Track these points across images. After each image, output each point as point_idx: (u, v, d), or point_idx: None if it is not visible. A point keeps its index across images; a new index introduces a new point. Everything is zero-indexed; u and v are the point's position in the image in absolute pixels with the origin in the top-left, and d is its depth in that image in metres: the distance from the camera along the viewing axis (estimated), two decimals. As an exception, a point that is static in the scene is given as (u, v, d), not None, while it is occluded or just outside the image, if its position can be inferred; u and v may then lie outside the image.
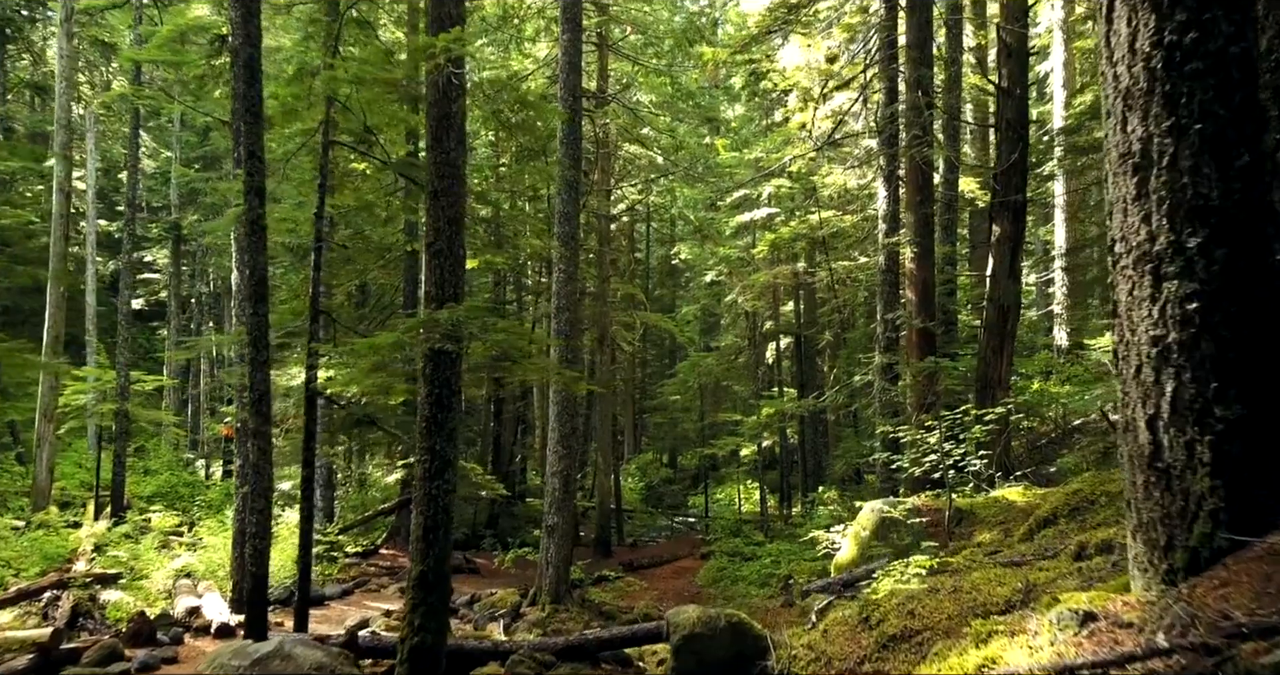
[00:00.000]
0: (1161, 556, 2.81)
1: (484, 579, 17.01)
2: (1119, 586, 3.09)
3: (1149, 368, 2.89)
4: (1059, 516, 5.95)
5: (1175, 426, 2.80)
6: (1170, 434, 2.81)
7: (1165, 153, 2.88)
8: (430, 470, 7.25)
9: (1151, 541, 2.85)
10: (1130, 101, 2.99)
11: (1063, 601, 2.95)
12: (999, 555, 5.22)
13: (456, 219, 7.55)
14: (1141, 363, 2.93)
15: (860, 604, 4.25)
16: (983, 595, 3.78)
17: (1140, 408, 2.93)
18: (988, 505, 8.74)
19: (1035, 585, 3.59)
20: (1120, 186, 3.04)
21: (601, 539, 21.60)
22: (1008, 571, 4.09)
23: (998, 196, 12.57)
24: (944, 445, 8.58)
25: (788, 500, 26.54)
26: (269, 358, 8.63)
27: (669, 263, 40.03)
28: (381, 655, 8.79)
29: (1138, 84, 2.96)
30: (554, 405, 14.66)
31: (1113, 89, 3.09)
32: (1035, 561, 4.55)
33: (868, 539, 8.97)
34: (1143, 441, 2.91)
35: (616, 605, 15.47)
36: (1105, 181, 3.19)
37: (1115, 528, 3.96)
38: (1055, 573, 3.75)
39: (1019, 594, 3.58)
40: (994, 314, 12.80)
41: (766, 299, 26.48)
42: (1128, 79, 3.00)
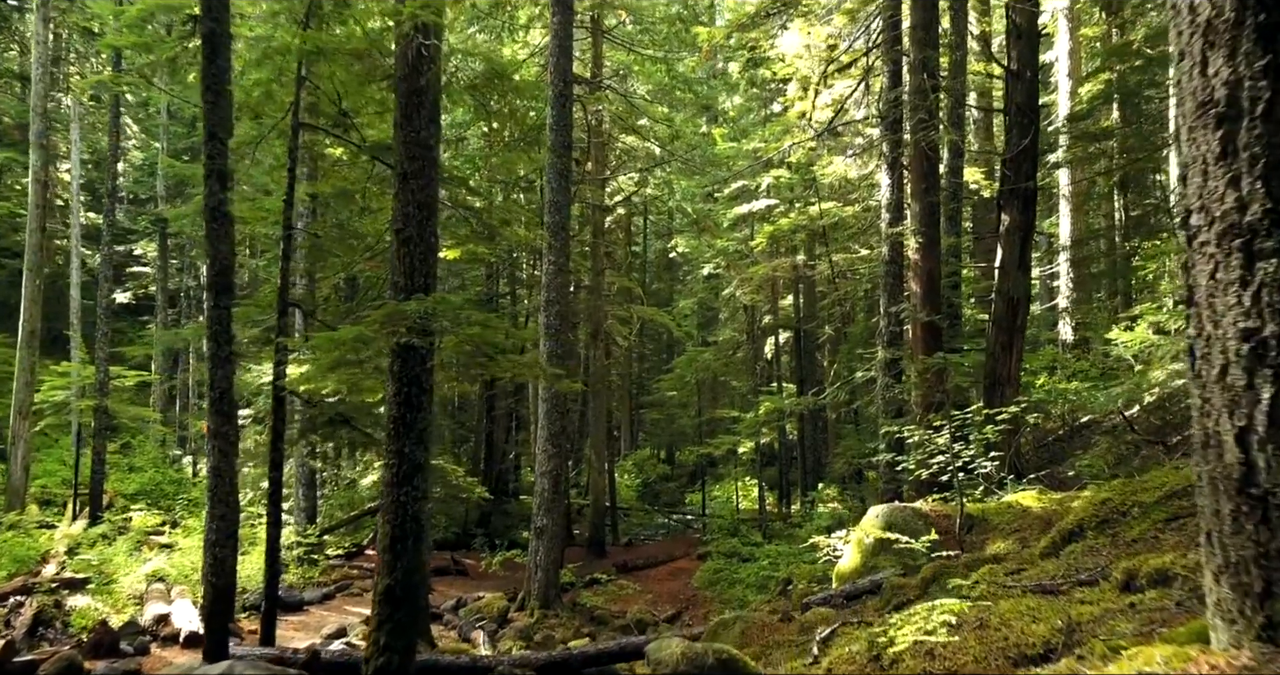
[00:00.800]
0: (1256, 606, 2.24)
1: (472, 581, 16.47)
2: (1191, 635, 2.52)
3: (1238, 368, 2.31)
4: (1086, 529, 5.38)
5: (1275, 443, 2.22)
6: (1268, 451, 2.23)
7: (1260, 99, 2.30)
8: (398, 475, 6.67)
9: (1242, 586, 2.28)
10: (1213, 37, 2.40)
11: (1126, 656, 2.39)
12: (1023, 576, 4.64)
13: (428, 203, 6.97)
14: (1228, 362, 2.35)
15: (870, 638, 3.68)
16: (1015, 634, 3.21)
17: (1227, 419, 2.35)
18: (1000, 511, 8.17)
19: (1079, 624, 3.02)
20: (1198, 144, 2.46)
21: (595, 539, 21.05)
22: (1041, 602, 3.52)
23: (1007, 183, 11.98)
24: (953, 447, 8.00)
25: (787, 498, 26.00)
26: (232, 353, 8.05)
27: (666, 256, 39.44)
28: (353, 672, 8.22)
29: (1222, 15, 2.37)
30: (543, 402, 14.10)
31: (1188, 23, 2.50)
32: (1069, 587, 3.98)
33: (872, 547, 8.40)
34: (1230, 461, 2.33)
35: (608, 610, 14.91)
36: (1176, 139, 2.58)
37: (1171, 554, 3.38)
38: (1101, 607, 3.18)
39: (1060, 634, 3.01)
40: (1003, 307, 12.22)
41: (765, 292, 25.89)
42: (1208, 9, 2.41)
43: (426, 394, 6.82)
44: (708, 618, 15.70)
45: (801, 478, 26.01)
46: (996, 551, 7.14)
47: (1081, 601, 3.38)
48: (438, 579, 17.22)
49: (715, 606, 15.96)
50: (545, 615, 13.73)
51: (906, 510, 8.38)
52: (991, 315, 12.54)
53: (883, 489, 12.40)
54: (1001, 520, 7.99)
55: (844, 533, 9.41)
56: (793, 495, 26.46)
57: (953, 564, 6.68)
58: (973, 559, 6.62)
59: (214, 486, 7.95)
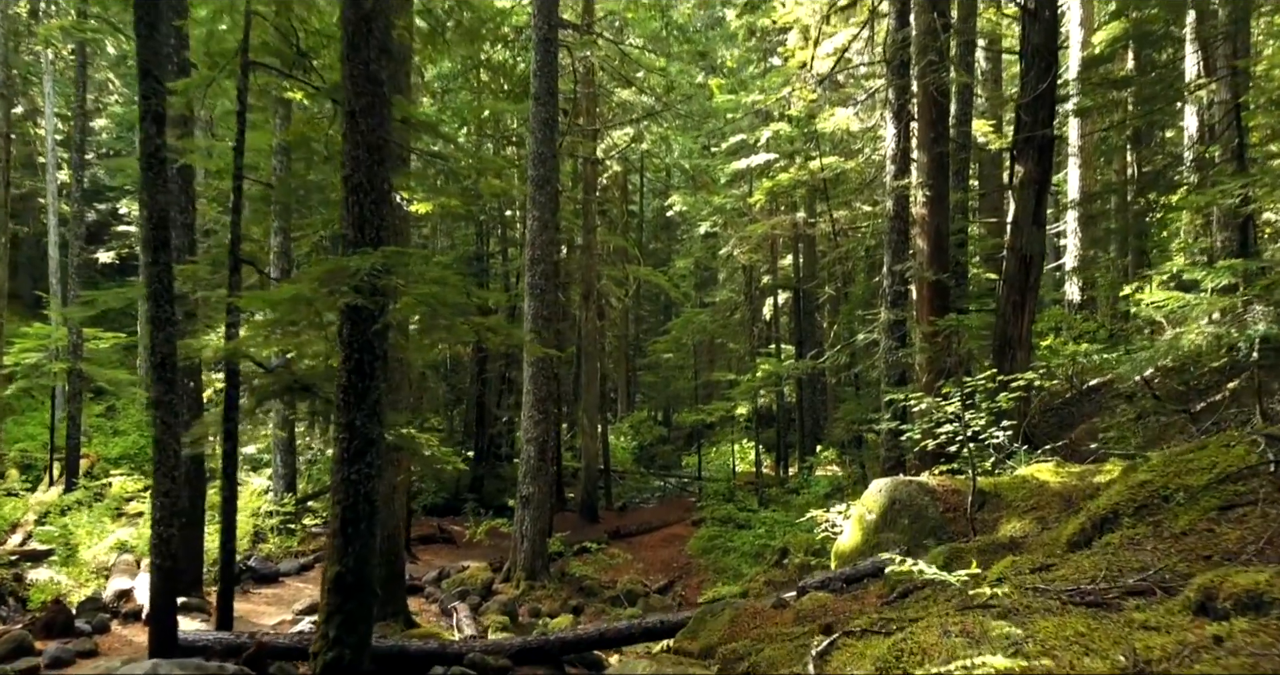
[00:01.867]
0: None
1: (458, 550, 15.94)
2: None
3: None
4: (1121, 515, 4.70)
5: None
6: None
7: None
8: (349, 451, 5.99)
9: None
10: None
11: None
12: (1055, 575, 3.96)
13: (379, 146, 6.19)
14: None
15: (880, 666, 3.01)
16: (1063, 666, 2.53)
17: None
18: (1014, 486, 7.51)
19: (1149, 665, 2.35)
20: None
21: (588, 504, 20.52)
22: (1090, 622, 2.84)
23: (1022, 131, 11.16)
24: (964, 415, 7.32)
25: (784, 460, 25.43)
26: (173, 315, 7.33)
27: (664, 215, 38.48)
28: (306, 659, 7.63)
29: None
30: (528, 366, 13.42)
31: None
32: (1117, 596, 3.30)
33: (874, 523, 7.76)
34: None
35: (598, 580, 14.39)
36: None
37: (1266, 572, 2.69)
38: (1173, 638, 2.50)
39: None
40: (1014, 265, 11.47)
41: (764, 252, 25.08)
42: None
43: (380, 360, 6.11)
44: (701, 588, 15.20)
45: (800, 440, 25.45)
46: (1012, 533, 6.49)
47: (1145, 626, 2.69)
48: (423, 547, 16.71)
49: (709, 576, 15.45)
50: (531, 587, 13.20)
51: (911, 485, 7.73)
52: (1002, 273, 11.79)
53: (884, 458, 11.77)
54: (1016, 496, 7.33)
55: (843, 507, 8.79)
56: (790, 458, 25.91)
57: (965, 548, 6.03)
58: (988, 543, 5.96)
59: (159, 460, 7.27)
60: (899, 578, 6.33)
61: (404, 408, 10.60)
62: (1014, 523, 6.73)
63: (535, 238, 13.48)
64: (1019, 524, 6.64)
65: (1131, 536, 4.35)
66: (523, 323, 13.71)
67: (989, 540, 6.02)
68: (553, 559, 14.72)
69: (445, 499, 22.30)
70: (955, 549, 6.07)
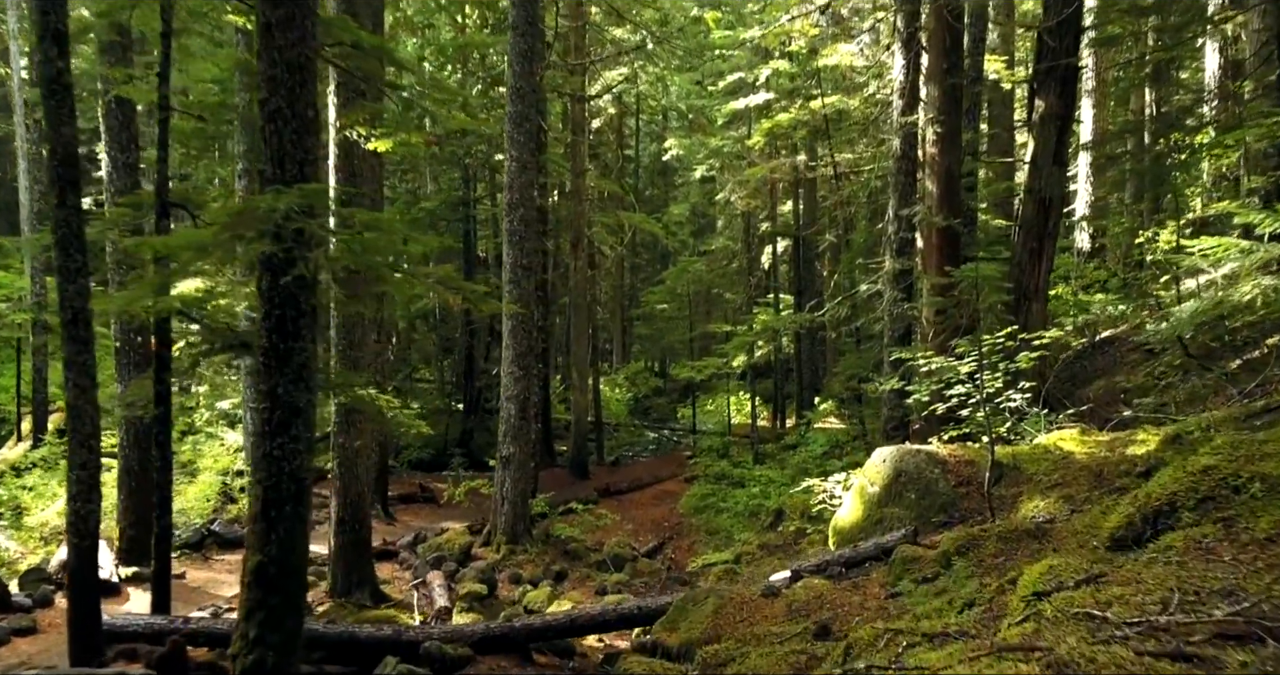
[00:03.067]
0: None
1: (440, 510, 15.25)
2: None
3: None
4: (1180, 507, 3.89)
5: None
6: None
7: None
8: (270, 423, 5.16)
9: None
10: None
11: None
12: (1107, 594, 3.15)
13: (302, 65, 5.23)
14: None
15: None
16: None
17: None
18: (1035, 457, 6.71)
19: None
20: None
21: (578, 460, 19.83)
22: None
23: (1044, 60, 10.12)
24: (979, 377, 6.49)
25: (781, 413, 24.69)
26: (84, 264, 6.45)
27: (661, 160, 37.26)
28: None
29: None
30: (507, 320, 12.55)
31: None
32: (1206, 640, 2.49)
33: (877, 497, 6.98)
34: None
35: (584, 543, 13.72)
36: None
37: None
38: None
39: None
40: (1032, 209, 10.53)
41: (763, 197, 24.01)
42: None
43: (306, 317, 5.24)
44: (692, 550, 14.55)
45: (798, 392, 24.66)
46: (1036, 514, 5.70)
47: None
48: (403, 507, 16.04)
49: (700, 538, 14.80)
50: (513, 551, 12.53)
51: (920, 455, 6.93)
52: (1019, 218, 10.86)
53: (885, 417, 10.97)
54: (1037, 469, 6.53)
55: (842, 476, 8.01)
56: (788, 409, 25.18)
57: (983, 533, 5.23)
58: (1010, 529, 5.16)
59: (73, 429, 6.46)
60: (906, 561, 5.57)
61: (366, 366, 9.76)
62: (1036, 501, 5.93)
63: (514, 180, 12.51)
64: (1043, 503, 5.84)
65: (1199, 539, 3.54)
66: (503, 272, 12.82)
67: (1010, 525, 5.22)
68: (537, 520, 14.04)
69: (432, 454, 21.65)
70: (970, 534, 5.27)
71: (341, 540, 9.72)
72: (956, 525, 6.35)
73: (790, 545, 11.36)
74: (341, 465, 9.68)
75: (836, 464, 14.34)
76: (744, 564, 11.85)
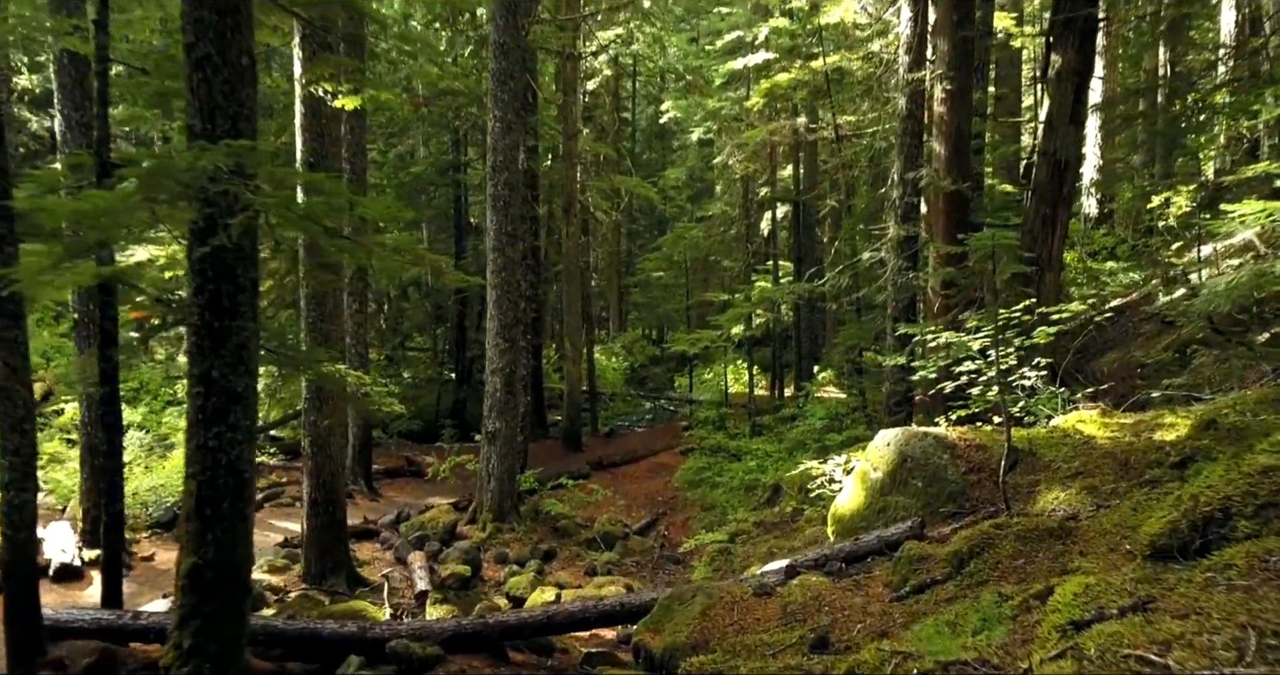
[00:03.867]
0: None
1: (426, 486, 14.78)
2: None
3: None
4: (1234, 514, 3.37)
5: None
6: None
7: None
8: (205, 411, 4.61)
9: None
10: None
11: None
12: (1164, 630, 2.62)
13: (235, 6, 4.60)
14: None
15: None
16: None
17: None
18: (1052, 441, 6.17)
19: None
20: None
21: (571, 432, 19.36)
22: None
23: (1062, 11, 9.45)
24: (997, 354, 5.94)
25: (779, 381, 24.18)
26: (13, 232, 5.87)
27: (658, 124, 36.41)
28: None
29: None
30: (492, 289, 11.98)
31: None
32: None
33: (880, 483, 6.46)
34: None
35: (574, 520, 13.26)
36: None
37: None
38: None
39: None
40: (1046, 171, 9.92)
41: (762, 161, 23.28)
42: None
43: (246, 293, 4.67)
44: (686, 527, 14.11)
45: (797, 361, 24.11)
46: (1057, 508, 5.18)
47: None
48: (389, 482, 15.58)
49: (695, 513, 14.35)
50: (499, 529, 12.08)
51: (927, 439, 6.39)
52: (1031, 181, 10.25)
53: (888, 393, 10.44)
54: (1056, 455, 6.00)
55: (842, 458, 7.49)
56: (786, 378, 24.68)
57: (999, 533, 4.71)
58: (1029, 527, 4.64)
59: (4, 413, 5.91)
60: (913, 560, 5.06)
61: (339, 340, 9.21)
62: (1056, 492, 5.41)
63: (498, 142, 11.85)
64: (1063, 494, 5.32)
65: (1264, 556, 3.00)
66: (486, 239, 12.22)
67: (1030, 522, 4.70)
68: (525, 496, 13.59)
69: (423, 425, 21.16)
70: (985, 532, 4.76)
71: (315, 523, 9.24)
72: (967, 517, 5.84)
73: (787, 524, 10.89)
74: (314, 444, 9.17)
75: (836, 438, 13.86)
76: (739, 543, 11.41)
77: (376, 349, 28.17)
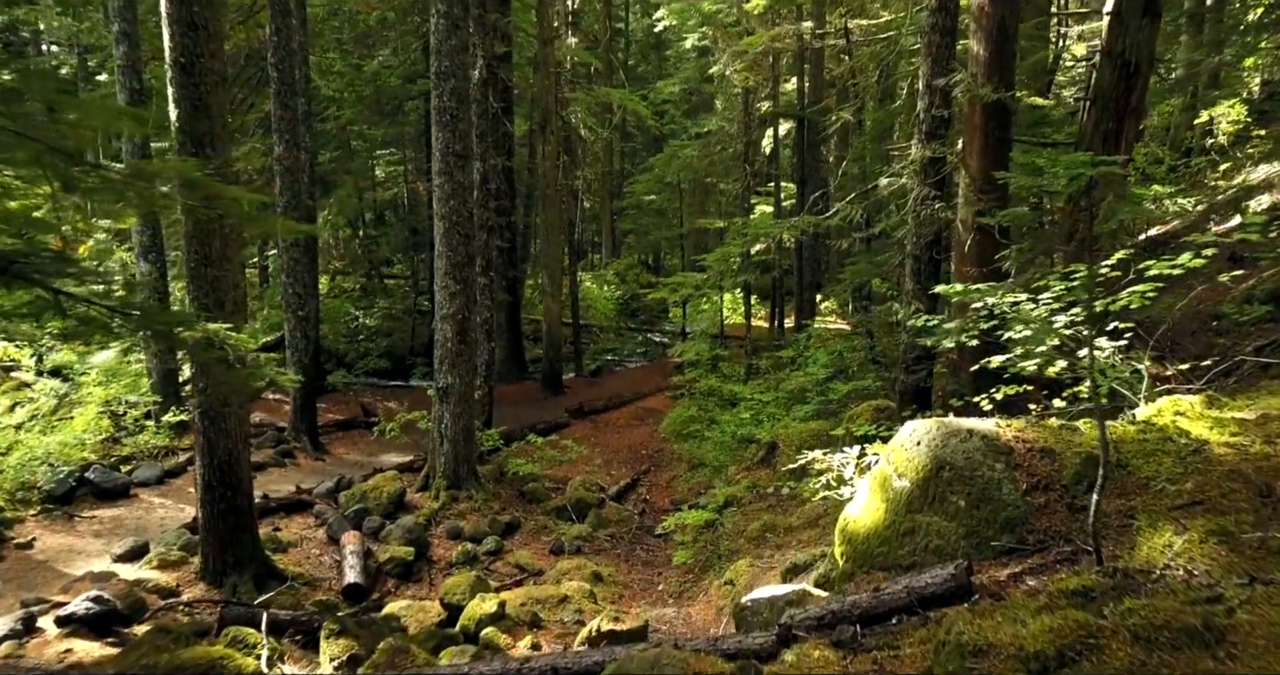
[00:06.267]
0: None
1: (382, 440, 13.16)
2: None
3: None
4: None
5: None
6: None
7: None
8: None
9: None
10: None
11: None
12: None
13: None
14: None
15: None
16: None
17: None
18: (1147, 445, 4.47)
19: None
20: None
21: (551, 374, 17.74)
22: None
23: None
24: (1093, 329, 4.20)
25: (780, 314, 22.45)
26: None
27: (654, 33, 33.78)
28: None
29: None
30: (439, 220, 10.17)
31: None
32: None
33: (907, 495, 4.80)
34: None
35: (544, 482, 11.73)
36: None
37: None
38: None
39: None
40: (1111, 77, 7.96)
41: (763, 72, 21.01)
42: None
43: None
44: (671, 487, 12.57)
45: (798, 291, 22.29)
46: (1170, 561, 3.51)
47: None
48: (339, 436, 14.00)
49: (681, 472, 12.79)
50: (454, 498, 10.55)
51: (972, 439, 4.70)
52: (1091, 89, 8.31)
53: (905, 346, 8.72)
54: (1155, 470, 4.30)
55: (854, 451, 5.80)
56: (786, 308, 22.96)
57: (1104, 631, 3.05)
58: (1151, 624, 2.99)
59: None
60: (968, 651, 3.43)
61: (231, 289, 7.45)
62: (1166, 534, 3.74)
63: (442, 43, 9.85)
64: (1179, 541, 3.65)
65: None
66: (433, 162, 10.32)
67: (1154, 612, 3.04)
68: (487, 456, 12.03)
69: (395, 362, 19.53)
70: (1079, 623, 3.10)
71: (211, 510, 7.65)
72: (1031, 557, 4.19)
73: (785, 503, 9.33)
74: (204, 416, 7.51)
75: (840, 388, 12.21)
76: (728, 516, 9.88)
77: (353, 277, 26.40)
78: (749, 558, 7.90)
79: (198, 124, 7.17)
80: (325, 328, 20.65)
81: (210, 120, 7.24)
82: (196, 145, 7.19)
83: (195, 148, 7.19)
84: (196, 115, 7.16)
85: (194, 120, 7.16)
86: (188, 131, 7.15)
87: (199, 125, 7.17)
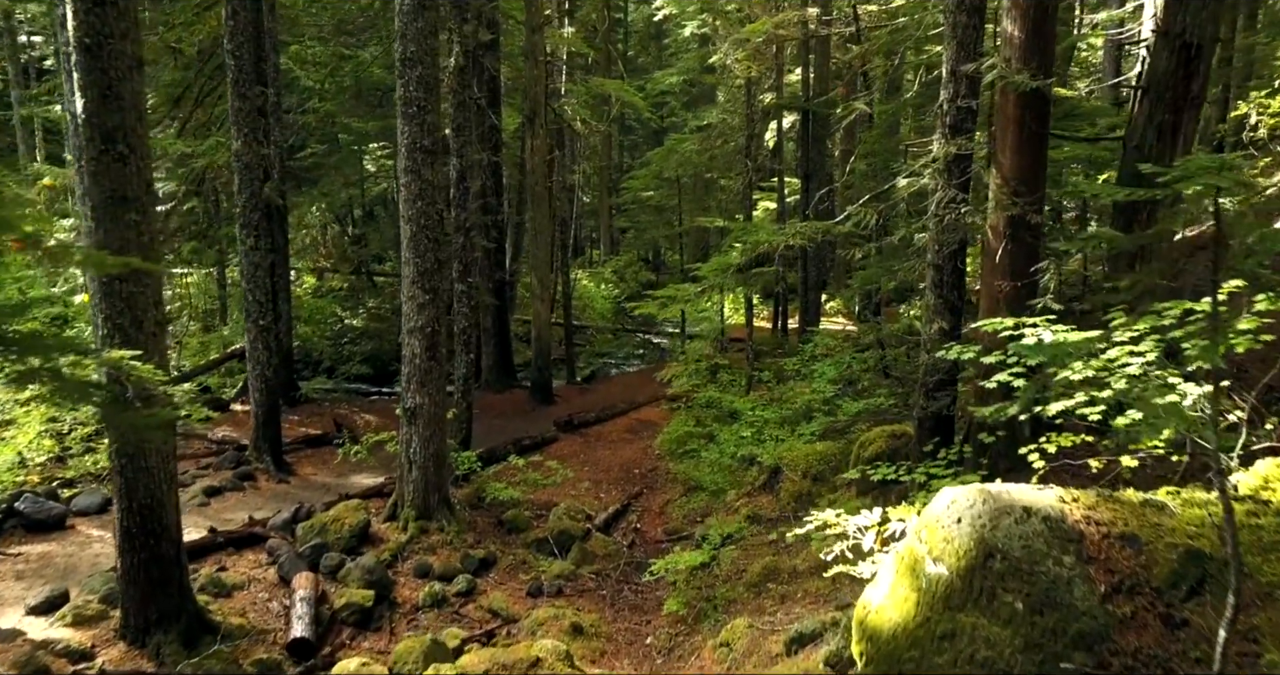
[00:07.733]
0: None
1: (348, 462, 12.11)
2: None
3: None
4: None
5: None
6: None
7: None
8: None
9: None
10: None
11: None
12: None
13: None
14: None
15: None
16: None
17: None
18: (1260, 532, 3.46)
19: None
20: None
21: (540, 383, 16.72)
22: None
23: None
24: (1216, 382, 3.20)
25: (783, 312, 21.40)
26: None
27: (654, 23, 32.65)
28: None
29: None
30: (405, 224, 9.17)
31: None
32: None
33: (946, 585, 3.78)
34: None
35: (525, 509, 10.72)
36: None
37: None
38: None
39: None
40: (1168, 62, 6.95)
41: (766, 61, 19.93)
42: None
43: None
44: (664, 515, 11.57)
45: (802, 293, 21.24)
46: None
47: None
48: (308, 454, 12.96)
49: (676, 497, 11.77)
50: (424, 530, 9.55)
51: (1030, 520, 3.67)
52: (1145, 76, 7.29)
53: (925, 370, 7.69)
54: (1278, 569, 3.29)
55: (875, 515, 4.78)
56: (789, 308, 21.90)
57: None
58: None
59: None
60: None
61: (144, 308, 6.46)
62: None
63: (408, 26, 8.82)
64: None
65: None
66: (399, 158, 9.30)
67: None
68: (462, 481, 11.04)
69: (368, 371, 18.50)
70: None
71: (131, 560, 6.67)
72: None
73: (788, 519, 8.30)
74: (120, 455, 6.52)
75: (851, 407, 11.20)
76: (725, 554, 8.86)
77: (342, 276, 25.39)
78: (748, 615, 6.90)
79: (108, 116, 6.16)
80: (309, 329, 19.67)
81: (123, 112, 6.23)
82: (107, 141, 6.18)
83: (105, 143, 6.18)
84: (106, 105, 6.15)
85: (103, 111, 6.15)
86: (95, 124, 6.14)
87: (109, 117, 6.16)
